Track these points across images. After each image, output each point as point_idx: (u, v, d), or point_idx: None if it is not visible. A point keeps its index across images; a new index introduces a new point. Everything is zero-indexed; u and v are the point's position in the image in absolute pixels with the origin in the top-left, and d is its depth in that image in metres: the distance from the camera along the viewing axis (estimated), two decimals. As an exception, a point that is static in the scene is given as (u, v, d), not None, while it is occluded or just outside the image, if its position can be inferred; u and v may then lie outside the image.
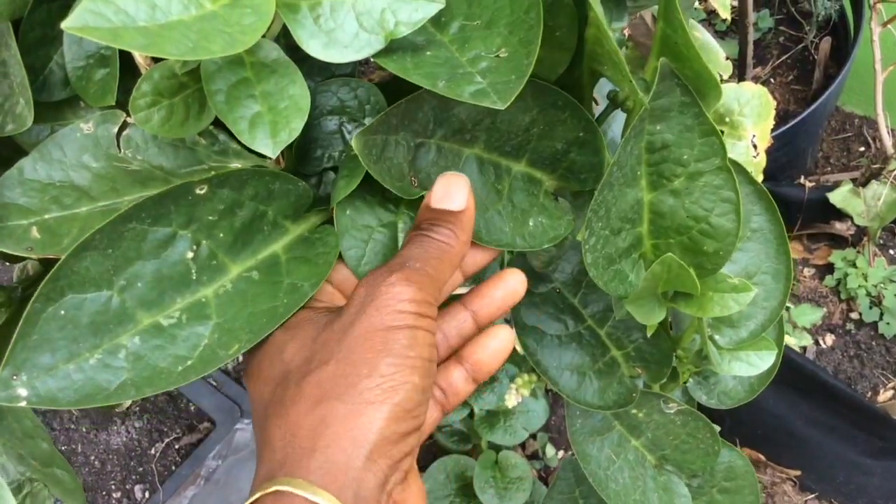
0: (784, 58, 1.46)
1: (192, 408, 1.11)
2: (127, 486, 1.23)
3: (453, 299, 0.45)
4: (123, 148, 0.39)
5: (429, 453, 1.45)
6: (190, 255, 0.36)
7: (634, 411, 0.62)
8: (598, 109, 0.52)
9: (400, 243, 0.40)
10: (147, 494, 1.31)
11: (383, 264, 0.37)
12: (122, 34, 0.26)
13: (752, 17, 1.15)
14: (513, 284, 0.44)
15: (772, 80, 1.41)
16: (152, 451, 1.11)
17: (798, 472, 1.30)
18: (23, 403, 0.32)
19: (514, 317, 0.60)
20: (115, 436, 1.30)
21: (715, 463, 0.64)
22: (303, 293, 0.37)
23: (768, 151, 0.81)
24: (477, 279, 0.46)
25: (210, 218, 0.36)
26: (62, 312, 0.33)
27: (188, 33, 0.27)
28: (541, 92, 0.40)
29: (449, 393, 0.43)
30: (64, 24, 0.25)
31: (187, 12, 0.28)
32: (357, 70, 0.44)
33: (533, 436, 1.44)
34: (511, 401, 0.75)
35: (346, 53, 0.32)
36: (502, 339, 0.44)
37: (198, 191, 0.35)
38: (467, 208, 0.39)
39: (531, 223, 0.43)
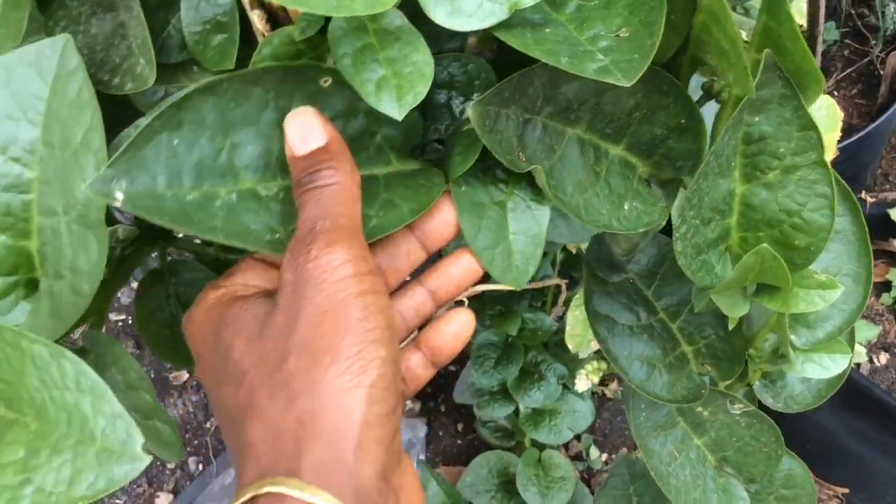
0: (849, 71, 1.45)
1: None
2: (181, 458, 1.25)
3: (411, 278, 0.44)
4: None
5: (471, 447, 1.46)
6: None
7: (700, 409, 0.62)
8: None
9: (509, 225, 0.41)
10: (200, 467, 1.33)
11: (293, 239, 0.35)
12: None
13: (822, 27, 1.14)
14: (471, 262, 0.42)
15: (835, 92, 1.39)
16: (207, 425, 1.13)
17: (846, 490, 1.29)
18: (118, 203, 0.32)
19: (586, 304, 0.60)
20: (172, 408, 1.32)
21: (775, 469, 0.63)
22: (398, 214, 0.37)
23: (832, 163, 0.81)
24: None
25: (326, 114, 0.36)
26: (175, 142, 0.33)
27: (333, -11, 0.28)
28: (648, 75, 0.40)
29: (408, 378, 0.42)
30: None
31: (331, -26, 0.29)
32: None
33: (577, 437, 1.44)
34: (581, 385, 0.75)
35: (470, 22, 0.33)
36: (461, 323, 0.42)
37: (322, 82, 0.36)
38: (331, 139, 0.36)
39: (626, 207, 0.43)
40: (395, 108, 0.33)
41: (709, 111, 0.52)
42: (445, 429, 1.49)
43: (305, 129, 0.35)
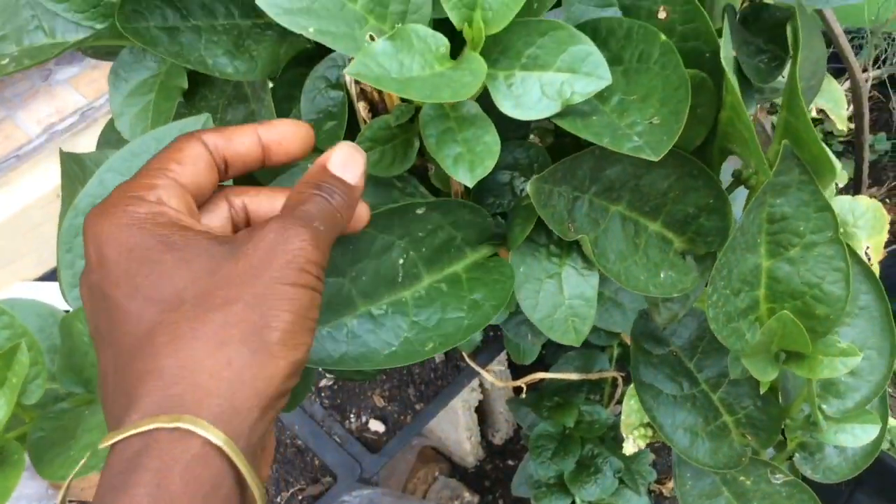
0: (901, 179, 1.50)
1: (317, 462, 1.19)
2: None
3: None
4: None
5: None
6: (401, 261, 0.45)
7: (742, 478, 0.67)
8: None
9: (563, 291, 0.48)
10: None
11: (286, 211, 0.37)
12: (382, 81, 0.36)
13: (867, 129, 1.21)
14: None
15: (887, 200, 1.45)
16: (279, 500, 1.19)
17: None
18: None
19: (633, 374, 0.66)
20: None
21: (815, 538, 0.67)
22: (484, 312, 0.45)
23: (882, 266, 0.85)
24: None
25: (420, 234, 0.45)
26: None
27: (425, 85, 0.37)
28: (680, 161, 0.48)
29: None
30: (346, 71, 0.35)
31: (423, 71, 0.38)
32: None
33: (631, 532, 1.44)
34: (629, 449, 0.80)
35: (530, 113, 0.41)
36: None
37: (418, 211, 0.45)
38: (359, 186, 0.40)
39: (662, 275, 0.50)
40: (468, 177, 0.41)
41: (740, 197, 0.59)
42: (503, 522, 1.52)
43: (351, 161, 0.40)
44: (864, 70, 1.36)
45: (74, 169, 0.57)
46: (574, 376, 1.18)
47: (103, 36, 0.50)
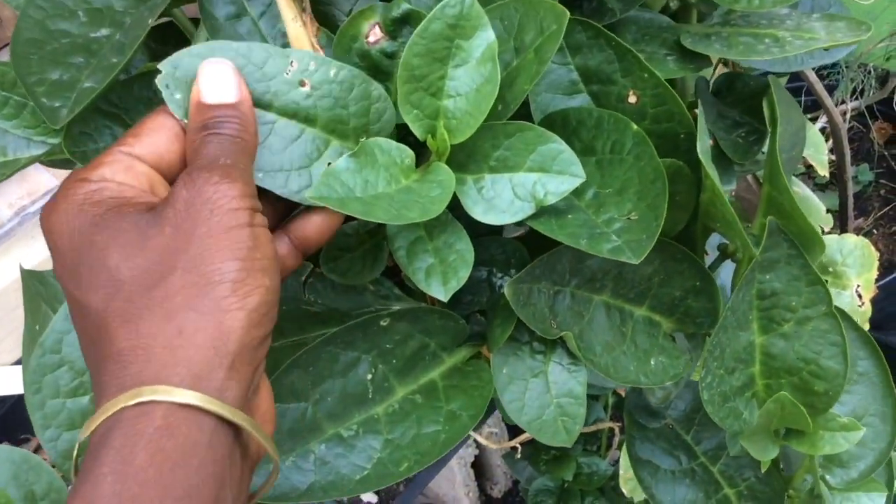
0: (887, 209, 1.49)
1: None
2: None
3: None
4: (308, 293, 0.47)
5: None
6: (369, 376, 0.43)
7: (749, 551, 0.64)
8: (708, 259, 0.58)
9: (550, 390, 0.46)
10: None
11: (192, 166, 0.35)
12: (347, 203, 0.34)
13: (850, 171, 1.20)
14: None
15: (875, 230, 1.44)
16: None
17: None
18: None
19: (629, 450, 0.64)
20: None
21: None
22: (462, 424, 0.43)
23: (873, 301, 0.84)
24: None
25: (388, 346, 0.43)
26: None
27: (392, 203, 0.35)
28: (662, 246, 0.46)
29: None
30: (307, 194, 0.33)
31: (389, 187, 0.36)
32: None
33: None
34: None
35: (502, 217, 0.40)
36: (328, 214, 0.40)
37: (382, 323, 0.43)
38: (242, 98, 0.37)
39: (652, 362, 0.48)
40: (441, 290, 0.39)
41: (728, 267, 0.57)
42: (507, 579, 1.48)
43: (219, 81, 0.36)
44: (843, 102, 1.36)
45: (37, 286, 0.55)
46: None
47: (57, 151, 0.48)
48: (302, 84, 0.37)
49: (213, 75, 0.36)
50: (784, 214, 0.49)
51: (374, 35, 0.41)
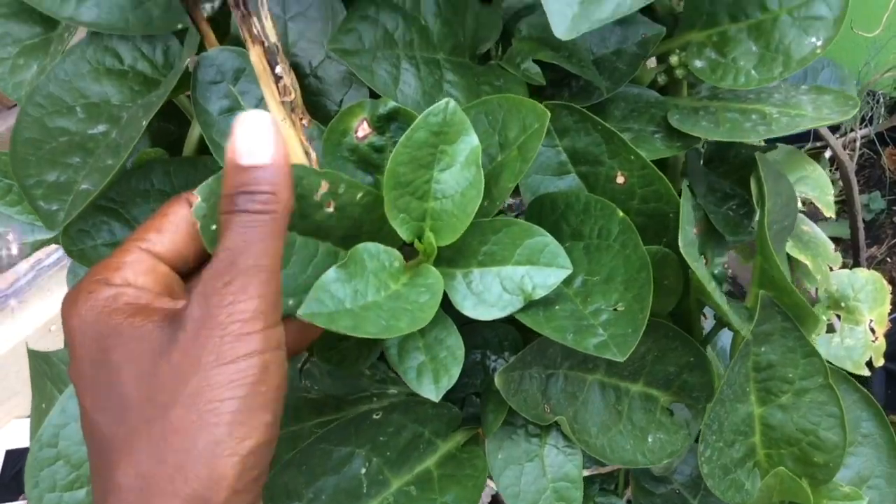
0: (899, 236, 1.48)
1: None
2: None
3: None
4: (304, 380, 0.47)
5: None
6: (363, 470, 0.43)
7: None
8: (707, 322, 0.58)
9: (546, 474, 0.46)
10: None
11: (210, 269, 0.33)
12: (337, 318, 0.35)
13: (858, 203, 1.19)
14: None
15: (888, 259, 1.42)
16: None
17: None
18: None
19: (636, 515, 0.64)
20: None
21: None
22: None
23: (887, 335, 0.83)
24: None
25: (381, 439, 0.43)
26: None
27: (381, 313, 0.36)
28: (654, 327, 0.46)
29: None
30: (299, 313, 0.34)
31: (379, 294, 0.37)
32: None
33: None
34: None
35: (491, 311, 0.40)
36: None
37: (374, 416, 0.43)
38: (277, 158, 0.34)
39: (650, 440, 0.48)
40: (433, 390, 0.39)
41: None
42: None
43: (256, 138, 0.34)
44: (852, 130, 1.36)
45: (43, 366, 0.56)
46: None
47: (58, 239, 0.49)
48: (327, 205, 0.37)
49: (248, 132, 0.34)
50: (776, 287, 0.49)
51: (362, 130, 0.42)
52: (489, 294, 0.40)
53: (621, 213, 0.42)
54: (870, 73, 1.33)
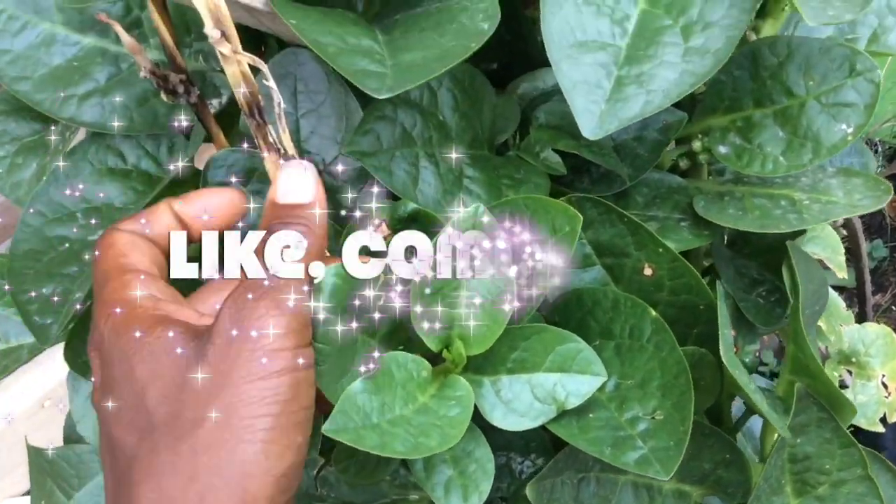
0: (904, 284, 1.47)
1: None
2: None
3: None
4: (319, 486, 0.45)
5: None
6: None
7: None
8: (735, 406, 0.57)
9: None
10: None
11: (244, 284, 0.32)
12: (363, 435, 0.32)
13: (865, 255, 1.18)
14: None
15: (893, 307, 1.41)
16: None
17: None
18: None
19: None
20: None
21: None
22: None
23: (900, 388, 0.82)
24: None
25: None
26: None
27: (410, 429, 0.34)
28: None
29: None
30: (324, 429, 0.32)
31: (406, 408, 0.35)
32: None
33: None
34: None
35: (522, 422, 0.38)
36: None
37: None
38: (315, 199, 0.34)
39: (685, 538, 0.46)
40: (462, 511, 0.37)
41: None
42: None
43: (296, 181, 0.34)
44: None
45: (42, 463, 0.54)
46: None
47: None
48: None
49: (290, 178, 0.34)
50: (811, 375, 0.47)
51: (381, 232, 0.40)
52: (519, 403, 0.38)
53: (654, 313, 0.41)
54: (868, 123, 1.32)
